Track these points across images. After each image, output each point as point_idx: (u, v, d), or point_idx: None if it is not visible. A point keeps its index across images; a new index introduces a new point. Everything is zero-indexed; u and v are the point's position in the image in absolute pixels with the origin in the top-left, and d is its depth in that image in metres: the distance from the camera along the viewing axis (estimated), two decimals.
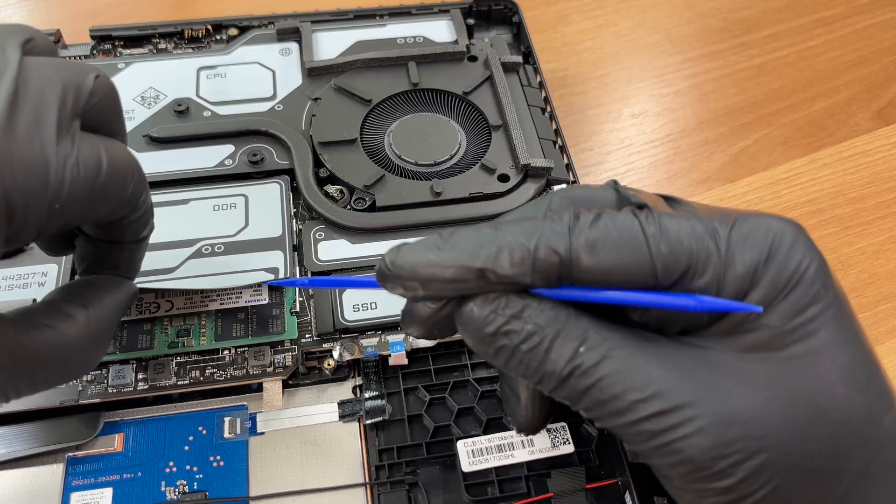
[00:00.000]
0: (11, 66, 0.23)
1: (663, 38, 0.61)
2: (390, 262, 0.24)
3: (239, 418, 0.35)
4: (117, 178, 0.26)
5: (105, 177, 0.25)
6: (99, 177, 0.25)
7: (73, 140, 0.24)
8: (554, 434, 0.34)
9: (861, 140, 0.54)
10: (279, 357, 0.35)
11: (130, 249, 0.30)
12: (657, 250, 0.23)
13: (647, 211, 0.24)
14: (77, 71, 0.25)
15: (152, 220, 0.30)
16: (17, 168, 0.22)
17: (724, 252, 0.23)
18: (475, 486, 0.33)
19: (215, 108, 0.44)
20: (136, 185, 0.27)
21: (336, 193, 0.41)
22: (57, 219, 0.24)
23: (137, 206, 0.28)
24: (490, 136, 0.44)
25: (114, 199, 0.26)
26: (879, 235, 0.49)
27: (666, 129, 0.55)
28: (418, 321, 0.26)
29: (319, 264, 0.38)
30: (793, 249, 0.24)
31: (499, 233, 0.24)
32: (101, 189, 0.25)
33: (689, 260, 0.23)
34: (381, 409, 0.35)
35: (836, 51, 0.60)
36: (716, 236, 0.24)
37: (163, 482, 0.33)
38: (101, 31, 0.48)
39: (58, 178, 0.23)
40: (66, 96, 0.24)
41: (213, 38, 0.50)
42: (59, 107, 0.24)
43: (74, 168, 0.24)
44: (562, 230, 0.23)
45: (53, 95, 0.24)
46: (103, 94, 0.26)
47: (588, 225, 0.23)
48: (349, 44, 0.49)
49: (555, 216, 0.24)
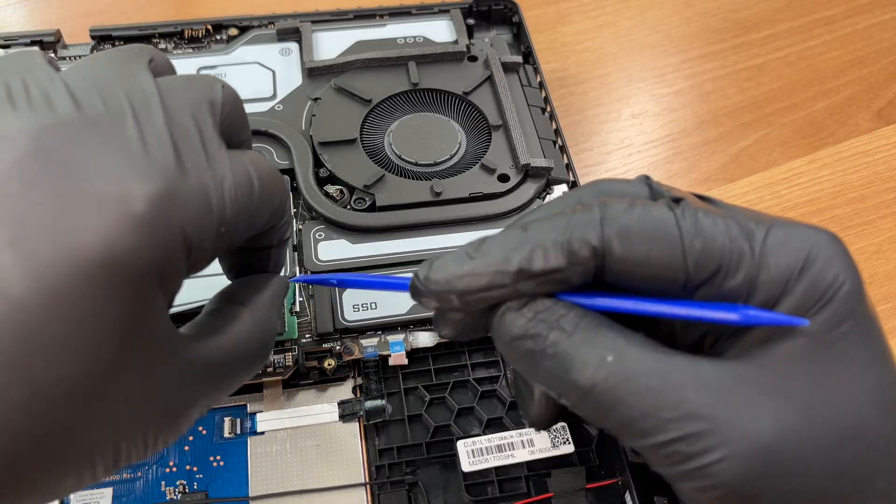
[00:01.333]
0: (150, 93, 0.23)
1: (663, 38, 0.61)
2: (423, 278, 0.24)
3: (239, 418, 0.35)
4: (268, 190, 0.26)
5: (258, 192, 0.25)
6: (253, 193, 0.24)
7: (223, 160, 0.24)
8: (554, 434, 0.34)
9: (861, 140, 0.54)
10: (279, 357, 0.35)
11: (277, 252, 0.30)
12: (691, 246, 0.22)
13: (683, 204, 0.23)
14: (205, 84, 0.25)
15: (291, 219, 0.30)
16: (185, 202, 0.22)
17: (757, 254, 0.22)
18: (475, 485, 0.33)
19: None
20: (283, 195, 0.27)
21: (336, 193, 0.41)
22: (224, 242, 0.24)
23: (284, 213, 0.28)
24: (490, 136, 0.44)
25: (267, 212, 0.26)
26: (879, 235, 0.49)
27: (666, 129, 0.55)
28: (451, 324, 0.26)
29: (319, 264, 0.38)
30: (831, 262, 0.23)
31: (529, 233, 0.23)
32: (257, 205, 0.25)
33: (721, 259, 0.22)
34: (382, 409, 0.35)
35: (836, 51, 0.60)
36: (751, 238, 0.23)
37: (163, 482, 0.33)
38: (101, 31, 0.48)
39: (220, 204, 0.23)
40: (204, 115, 0.24)
41: (213, 39, 0.50)
42: (203, 128, 0.24)
43: (231, 190, 0.23)
44: (593, 221, 0.23)
45: (195, 117, 0.24)
46: (232, 104, 0.26)
47: (621, 213, 0.23)
48: (349, 44, 0.49)
49: (584, 209, 0.23)
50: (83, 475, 0.21)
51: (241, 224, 0.24)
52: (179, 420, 0.24)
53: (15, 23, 0.58)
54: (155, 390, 0.22)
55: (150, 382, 0.22)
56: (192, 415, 0.24)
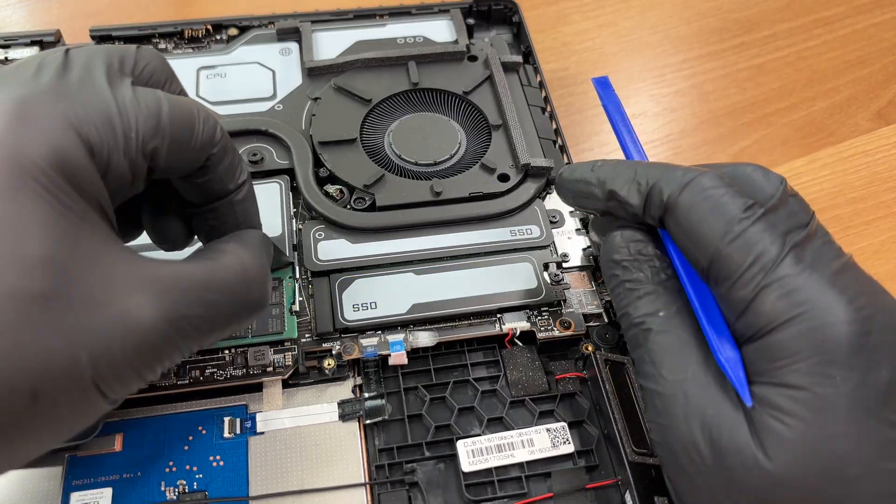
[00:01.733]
0: (59, 50, 0.26)
1: (663, 38, 0.61)
2: (560, 173, 0.34)
3: (239, 418, 0.35)
4: (182, 110, 0.27)
5: (169, 108, 0.26)
6: (162, 108, 0.26)
7: (125, 85, 0.26)
8: (554, 434, 0.34)
9: (861, 140, 0.54)
10: (279, 357, 0.35)
11: (240, 203, 0.31)
12: (718, 248, 0.26)
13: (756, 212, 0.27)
14: (119, 47, 0.27)
15: (245, 165, 0.31)
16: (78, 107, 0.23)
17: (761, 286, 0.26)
18: (475, 485, 0.33)
19: (215, 107, 0.44)
20: (206, 119, 0.28)
21: (336, 193, 0.41)
22: (142, 157, 0.25)
23: (215, 142, 0.28)
24: (490, 136, 0.44)
25: (188, 133, 0.27)
26: (879, 235, 0.49)
27: (666, 129, 0.55)
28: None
29: (319, 264, 0.38)
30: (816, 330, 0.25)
31: (636, 169, 0.30)
32: (169, 121, 0.26)
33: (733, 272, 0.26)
34: (381, 408, 0.35)
35: (836, 51, 0.60)
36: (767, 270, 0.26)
37: (162, 482, 0.33)
38: (101, 31, 0.48)
39: (121, 110, 0.25)
40: (111, 60, 0.26)
41: (213, 38, 0.50)
42: (108, 66, 0.26)
43: (133, 102, 0.25)
44: (679, 183, 0.28)
45: (99, 60, 0.26)
46: (149, 59, 0.28)
47: (701, 190, 0.28)
48: (349, 43, 0.49)
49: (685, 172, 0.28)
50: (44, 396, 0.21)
51: (156, 139, 0.25)
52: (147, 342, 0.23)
53: (15, 23, 0.58)
54: (95, 296, 0.22)
55: (88, 287, 0.22)
56: (165, 346, 0.24)
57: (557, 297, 0.38)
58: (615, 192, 0.30)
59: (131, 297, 0.23)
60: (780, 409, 0.24)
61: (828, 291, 0.25)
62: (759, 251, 0.26)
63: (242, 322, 0.28)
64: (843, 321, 0.24)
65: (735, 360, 0.26)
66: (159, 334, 0.23)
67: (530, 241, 0.40)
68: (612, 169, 0.31)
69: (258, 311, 0.28)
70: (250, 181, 0.31)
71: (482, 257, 0.39)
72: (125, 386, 0.23)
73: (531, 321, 0.37)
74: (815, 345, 0.24)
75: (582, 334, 0.37)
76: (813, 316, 0.24)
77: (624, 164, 0.31)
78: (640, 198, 0.29)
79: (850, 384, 0.24)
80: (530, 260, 0.39)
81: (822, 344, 0.24)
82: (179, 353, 0.25)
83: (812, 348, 0.24)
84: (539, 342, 0.37)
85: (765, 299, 0.25)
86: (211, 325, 0.25)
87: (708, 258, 0.27)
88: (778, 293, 0.25)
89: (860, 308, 0.24)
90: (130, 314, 0.22)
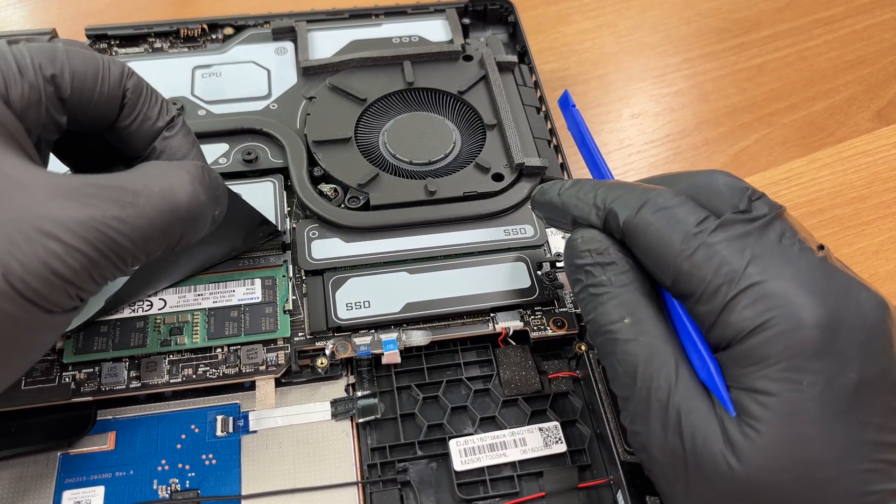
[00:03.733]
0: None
1: (663, 38, 0.61)
2: (533, 195, 0.34)
3: (231, 417, 0.35)
4: (81, 51, 0.28)
5: (64, 46, 0.28)
6: (57, 46, 0.28)
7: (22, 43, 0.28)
8: (546, 433, 0.34)
9: (861, 140, 0.54)
10: (272, 355, 0.35)
11: (175, 139, 0.31)
12: (677, 264, 0.27)
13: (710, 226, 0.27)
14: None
15: (170, 104, 0.32)
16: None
17: (727, 300, 0.25)
18: (467, 484, 0.33)
19: (210, 106, 0.45)
20: (111, 61, 0.29)
21: (330, 192, 0.41)
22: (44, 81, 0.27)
23: (124, 77, 0.29)
24: (485, 136, 0.44)
25: (91, 67, 0.28)
26: (879, 235, 0.49)
27: (666, 129, 0.55)
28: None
29: (313, 263, 0.38)
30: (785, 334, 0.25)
31: (598, 190, 0.30)
32: (66, 54, 0.28)
33: (695, 288, 0.26)
34: (374, 407, 0.35)
35: (836, 51, 0.60)
36: (731, 283, 0.25)
37: (155, 480, 0.33)
38: (96, 30, 0.48)
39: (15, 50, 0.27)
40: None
41: (208, 38, 0.50)
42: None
43: (25, 45, 0.27)
44: (636, 203, 0.28)
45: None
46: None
47: (655, 209, 0.28)
48: (344, 43, 0.49)
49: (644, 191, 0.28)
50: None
51: (58, 70, 0.27)
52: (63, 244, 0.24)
53: (15, 23, 0.59)
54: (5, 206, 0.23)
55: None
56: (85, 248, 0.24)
57: (551, 296, 0.38)
58: (577, 218, 0.30)
59: (43, 204, 0.24)
60: (750, 416, 0.24)
61: (794, 294, 0.25)
62: (718, 263, 0.26)
63: (175, 233, 0.27)
64: (810, 325, 0.24)
65: (715, 370, 0.26)
66: (74, 235, 0.24)
67: (524, 240, 0.40)
68: (575, 193, 0.31)
69: (191, 224, 0.28)
70: (181, 118, 0.32)
71: (476, 256, 0.39)
72: (57, 294, 0.24)
73: (524, 320, 0.37)
74: (783, 349, 0.24)
75: (575, 334, 0.37)
76: (781, 321, 0.24)
77: (586, 188, 0.31)
78: (600, 222, 0.29)
79: (817, 388, 0.24)
80: (524, 259, 0.39)
81: (790, 348, 0.24)
82: (106, 258, 0.25)
83: (780, 353, 0.24)
84: (532, 341, 0.37)
85: (732, 310, 0.25)
86: (132, 229, 0.25)
87: (670, 277, 0.27)
88: (744, 303, 0.25)
89: (828, 311, 0.24)
90: (42, 218, 0.23)
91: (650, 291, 0.28)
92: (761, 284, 0.25)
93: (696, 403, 0.26)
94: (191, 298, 0.37)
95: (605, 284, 0.28)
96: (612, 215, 0.29)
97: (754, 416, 0.24)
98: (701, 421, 0.25)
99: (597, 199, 0.30)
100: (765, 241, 0.26)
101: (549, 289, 0.38)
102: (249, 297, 0.37)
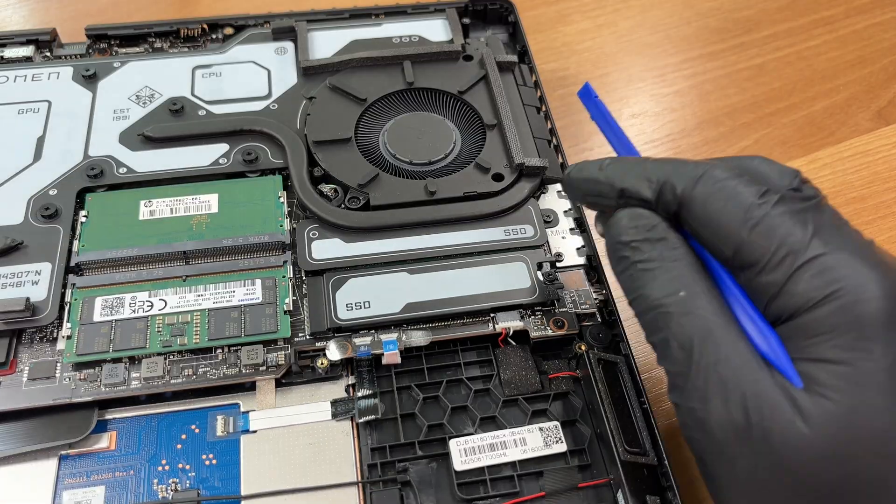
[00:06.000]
0: None
1: (663, 38, 0.61)
2: (566, 174, 0.33)
3: (232, 417, 0.35)
4: None
5: None
6: None
7: None
8: (546, 433, 0.34)
9: (861, 140, 0.54)
10: (272, 356, 0.35)
11: None
12: (740, 234, 0.27)
13: (772, 198, 0.27)
14: None
15: None
16: None
17: (792, 270, 0.26)
18: (467, 484, 0.33)
19: (210, 107, 0.45)
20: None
21: (330, 192, 0.41)
22: None
23: None
24: (485, 136, 0.44)
25: None
26: (879, 235, 0.49)
27: (666, 129, 0.55)
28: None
29: (313, 263, 0.38)
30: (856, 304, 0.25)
31: (645, 165, 0.29)
32: None
33: (760, 257, 0.26)
34: (374, 407, 0.35)
35: (836, 51, 0.60)
36: (797, 254, 0.26)
37: (155, 480, 0.33)
38: (96, 29, 0.48)
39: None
40: None
41: (208, 38, 0.50)
42: None
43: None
44: (693, 176, 0.28)
45: None
46: None
47: (714, 181, 0.27)
48: (345, 43, 0.49)
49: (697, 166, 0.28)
50: None
51: None
52: None
53: (15, 23, 0.59)
54: None
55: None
56: None
57: (551, 296, 0.38)
58: (626, 190, 0.30)
59: None
60: (821, 384, 0.24)
61: (859, 268, 0.25)
62: (784, 234, 0.26)
63: None
64: (879, 296, 0.24)
65: (777, 342, 0.26)
66: None
67: (524, 240, 0.40)
68: (621, 167, 0.30)
69: None
70: None
71: (476, 257, 0.39)
72: None
73: (524, 320, 0.37)
74: (852, 320, 0.24)
75: (575, 334, 0.37)
76: (847, 292, 0.24)
77: (632, 162, 0.30)
78: (653, 194, 0.29)
79: (888, 359, 0.24)
80: (524, 259, 0.39)
81: (859, 319, 0.24)
82: None
83: (849, 324, 0.24)
84: (532, 341, 0.37)
85: (798, 281, 0.25)
86: None
87: (732, 247, 0.27)
88: (810, 273, 0.25)
89: (893, 283, 0.25)
90: None
91: (701, 268, 0.28)
92: (826, 255, 0.25)
93: (759, 375, 0.25)
94: (191, 299, 0.37)
95: (655, 259, 0.28)
96: (667, 187, 0.28)
97: (826, 384, 0.24)
98: (767, 392, 0.25)
99: (647, 171, 0.29)
100: (823, 217, 0.27)
101: (550, 289, 0.38)
102: (250, 297, 0.37)
